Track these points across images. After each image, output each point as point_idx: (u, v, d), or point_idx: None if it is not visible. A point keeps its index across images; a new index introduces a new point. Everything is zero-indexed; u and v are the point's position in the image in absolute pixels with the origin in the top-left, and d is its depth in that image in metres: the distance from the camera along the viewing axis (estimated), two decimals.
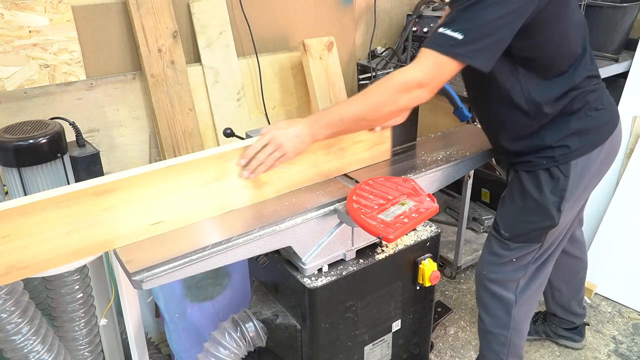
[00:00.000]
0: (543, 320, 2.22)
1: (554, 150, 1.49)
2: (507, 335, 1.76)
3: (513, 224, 1.62)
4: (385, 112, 1.34)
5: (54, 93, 1.93)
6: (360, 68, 2.75)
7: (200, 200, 1.29)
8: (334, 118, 1.35)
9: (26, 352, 1.43)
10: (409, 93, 1.29)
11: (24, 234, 1.08)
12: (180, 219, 1.28)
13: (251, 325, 1.53)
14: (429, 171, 1.57)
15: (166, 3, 2.05)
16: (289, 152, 1.33)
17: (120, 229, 1.20)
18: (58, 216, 1.11)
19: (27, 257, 1.11)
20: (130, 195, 1.19)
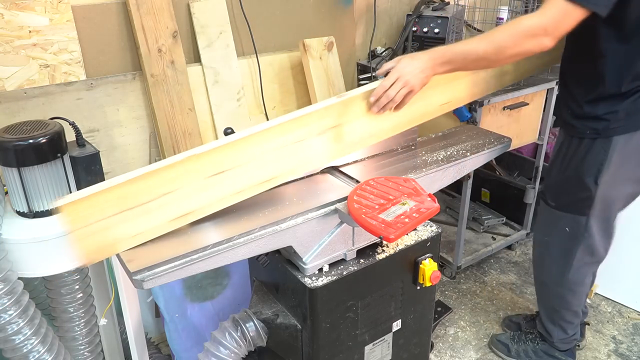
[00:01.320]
0: None
1: (599, 122, 1.57)
2: (561, 292, 1.88)
3: (557, 194, 1.75)
4: (507, 54, 1.40)
5: (54, 93, 1.93)
6: (360, 68, 2.75)
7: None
8: (456, 56, 1.43)
9: (26, 352, 1.43)
10: (534, 39, 1.35)
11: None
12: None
13: (252, 324, 1.53)
14: (429, 171, 1.57)
15: (166, 3, 2.05)
16: (416, 87, 1.43)
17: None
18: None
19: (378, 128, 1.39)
20: None
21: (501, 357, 2.17)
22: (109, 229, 1.13)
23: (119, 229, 1.15)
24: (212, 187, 1.24)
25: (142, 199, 1.15)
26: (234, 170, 1.26)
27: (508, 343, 2.16)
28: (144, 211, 1.16)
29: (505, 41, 1.38)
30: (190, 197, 1.22)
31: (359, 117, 1.45)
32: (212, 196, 1.25)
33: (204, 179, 1.22)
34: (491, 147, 1.76)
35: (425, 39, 2.57)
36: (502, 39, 1.38)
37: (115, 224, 1.14)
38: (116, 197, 1.12)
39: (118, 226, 1.14)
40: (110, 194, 1.11)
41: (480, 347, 2.25)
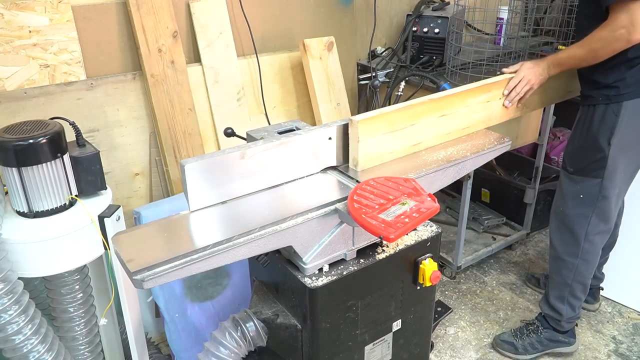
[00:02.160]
0: None
1: (610, 89, 1.82)
2: (575, 263, 2.05)
3: (575, 159, 1.97)
4: (600, 55, 1.74)
5: (54, 93, 1.93)
6: (360, 68, 2.75)
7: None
8: (563, 61, 1.86)
9: (26, 352, 1.43)
10: (621, 39, 1.64)
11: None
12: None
13: (252, 324, 1.53)
14: (429, 171, 1.57)
15: (166, 3, 2.05)
16: (535, 85, 1.88)
17: None
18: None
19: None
20: None
21: (510, 357, 2.18)
22: (378, 144, 1.51)
23: (383, 145, 1.53)
24: (437, 126, 1.65)
25: (401, 125, 1.55)
26: (450, 115, 1.67)
27: (513, 341, 2.17)
28: (398, 135, 1.55)
29: (596, 44, 1.72)
30: (424, 130, 1.62)
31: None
32: (435, 132, 1.66)
33: (435, 118, 1.63)
34: (491, 147, 1.75)
35: (425, 39, 2.57)
36: (593, 43, 1.72)
37: (382, 141, 1.52)
38: (386, 120, 1.50)
39: (383, 143, 1.53)
40: (385, 117, 1.50)
41: (480, 347, 2.25)
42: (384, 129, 1.51)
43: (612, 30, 1.65)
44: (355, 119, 1.44)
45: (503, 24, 2.77)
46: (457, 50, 2.52)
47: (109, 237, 1.49)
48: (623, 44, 1.66)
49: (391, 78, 2.59)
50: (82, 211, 1.53)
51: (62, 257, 1.49)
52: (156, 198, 2.21)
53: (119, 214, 1.52)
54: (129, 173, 2.16)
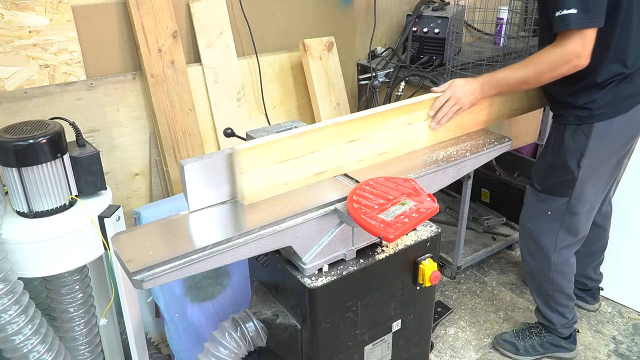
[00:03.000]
0: None
1: (581, 110, 1.74)
2: (550, 275, 2.01)
3: (544, 178, 1.90)
4: (545, 79, 1.64)
5: (54, 93, 1.93)
6: (360, 68, 2.75)
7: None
8: (501, 81, 1.69)
9: (26, 352, 1.43)
10: (569, 63, 1.57)
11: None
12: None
13: (251, 325, 1.53)
14: (429, 171, 1.57)
15: (166, 3, 2.05)
16: (465, 106, 1.68)
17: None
18: None
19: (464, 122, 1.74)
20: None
21: (510, 357, 2.18)
22: (268, 175, 1.35)
23: (276, 176, 1.37)
24: (345, 152, 1.49)
25: (297, 153, 1.38)
26: (362, 140, 1.51)
27: (514, 341, 2.17)
28: (295, 164, 1.39)
29: (542, 67, 1.61)
30: (330, 157, 1.46)
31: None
32: (343, 160, 1.50)
33: (342, 144, 1.47)
34: (491, 147, 1.76)
35: (425, 39, 2.57)
36: (540, 66, 1.61)
37: (274, 171, 1.36)
38: (279, 148, 1.34)
39: (276, 174, 1.37)
40: (275, 146, 1.33)
41: (481, 347, 2.25)
42: (275, 158, 1.35)
43: (562, 55, 1.57)
44: (238, 148, 1.28)
45: (503, 24, 2.77)
46: (457, 51, 2.52)
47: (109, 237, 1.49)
48: (571, 69, 1.59)
49: (391, 78, 2.58)
50: (82, 211, 1.53)
51: (62, 257, 1.49)
52: (156, 198, 2.21)
53: (119, 214, 1.52)
54: (129, 173, 2.16)
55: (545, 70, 1.61)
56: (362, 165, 1.55)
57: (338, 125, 1.44)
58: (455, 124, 1.75)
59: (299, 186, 1.43)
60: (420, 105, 1.64)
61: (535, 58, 1.63)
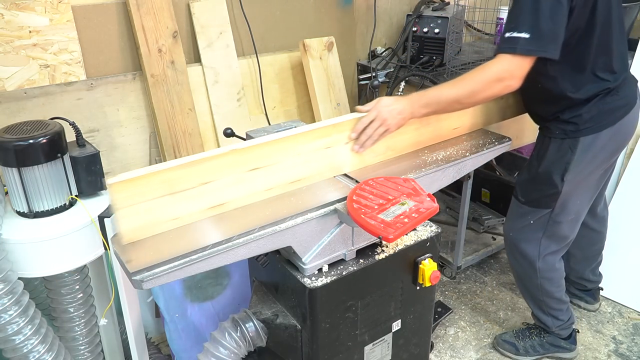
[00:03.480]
0: None
1: (567, 124, 1.70)
2: (537, 282, 1.99)
3: (527, 191, 1.88)
4: (478, 98, 1.55)
5: (54, 93, 1.93)
6: (360, 68, 2.75)
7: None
8: (432, 100, 1.54)
9: (26, 352, 1.43)
10: (502, 83, 1.50)
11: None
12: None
13: (251, 325, 1.53)
14: (429, 171, 1.57)
15: (166, 3, 2.05)
16: (392, 127, 1.52)
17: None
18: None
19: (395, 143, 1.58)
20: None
21: (510, 357, 2.17)
22: (151, 210, 1.20)
23: (161, 211, 1.22)
24: (248, 182, 1.33)
25: (185, 185, 1.23)
26: (269, 167, 1.36)
27: (514, 341, 2.17)
28: (185, 197, 1.24)
29: (475, 87, 1.51)
30: (228, 189, 1.31)
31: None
32: (246, 190, 1.34)
33: (243, 173, 1.32)
34: (491, 147, 1.76)
35: (425, 39, 2.57)
36: (473, 84, 1.51)
37: (158, 206, 1.21)
38: (161, 180, 1.19)
39: (160, 208, 1.21)
40: (157, 177, 1.18)
41: (481, 347, 2.25)
42: (158, 191, 1.19)
43: (496, 74, 1.48)
44: (109, 182, 1.14)
45: (503, 24, 2.77)
46: (457, 50, 2.52)
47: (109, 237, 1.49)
48: (503, 89, 1.51)
49: (391, 78, 2.58)
50: (82, 211, 1.53)
51: (62, 257, 1.49)
52: None
53: None
54: None
55: (478, 89, 1.51)
56: (270, 194, 1.38)
57: (236, 152, 1.28)
58: (385, 146, 1.58)
59: (192, 220, 1.27)
60: (339, 127, 1.47)
61: (468, 76, 1.54)
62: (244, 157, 1.30)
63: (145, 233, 1.21)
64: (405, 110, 1.52)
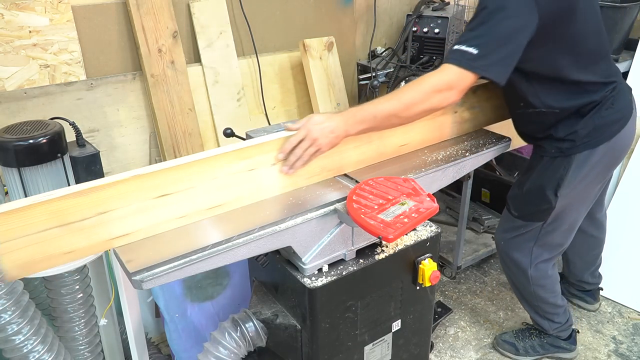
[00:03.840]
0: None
1: (563, 142, 1.67)
2: (530, 289, 1.99)
3: (520, 205, 1.86)
4: (417, 110, 1.44)
5: (54, 93, 1.93)
6: (360, 68, 2.75)
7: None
8: (367, 115, 1.42)
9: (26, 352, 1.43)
10: (440, 94, 1.42)
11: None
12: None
13: (251, 325, 1.53)
14: (429, 171, 1.57)
15: (166, 3, 2.05)
16: (323, 147, 1.40)
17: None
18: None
19: (332, 162, 1.47)
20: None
21: (510, 358, 2.17)
22: (39, 244, 1.09)
23: (51, 245, 1.10)
24: (156, 209, 1.21)
25: (79, 215, 1.12)
26: (181, 194, 1.23)
27: (514, 342, 2.17)
28: (79, 228, 1.13)
29: (413, 98, 1.42)
30: (132, 218, 1.18)
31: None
32: (155, 218, 1.21)
33: (151, 200, 1.19)
34: (491, 147, 1.76)
35: (425, 39, 2.57)
36: (410, 96, 1.42)
37: (47, 239, 1.09)
38: (49, 211, 1.08)
39: (50, 242, 1.10)
40: (43, 208, 1.07)
41: (481, 347, 2.25)
42: (46, 223, 1.08)
43: (436, 87, 1.41)
44: None
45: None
46: None
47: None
48: (442, 101, 1.43)
49: (391, 78, 2.58)
50: None
51: None
52: None
53: None
54: None
55: (415, 101, 1.41)
56: (184, 222, 1.27)
57: (139, 178, 1.16)
58: (320, 167, 1.46)
59: (89, 254, 1.18)
60: (263, 148, 1.35)
61: (405, 88, 1.45)
62: (149, 183, 1.18)
63: (38, 268, 1.11)
64: (338, 128, 1.39)
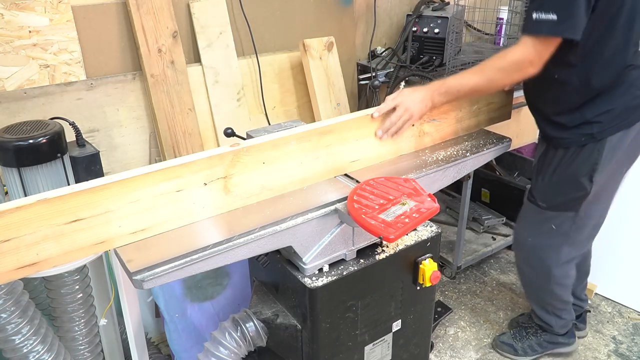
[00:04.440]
0: None
1: (592, 126, 1.60)
2: (549, 287, 1.95)
3: (549, 196, 1.77)
4: (498, 85, 1.57)
5: (54, 93, 1.93)
6: (360, 68, 2.75)
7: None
8: (452, 88, 1.55)
9: (26, 352, 1.43)
10: (521, 71, 1.49)
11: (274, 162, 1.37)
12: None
13: (251, 325, 1.53)
14: (429, 171, 1.57)
15: (166, 3, 2.05)
16: (415, 116, 1.53)
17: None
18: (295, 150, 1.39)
19: (273, 181, 1.39)
20: None
21: (509, 358, 2.17)
22: None
23: None
24: (67, 236, 1.11)
25: None
26: (96, 218, 1.13)
27: (512, 343, 2.17)
28: None
29: (495, 75, 1.52)
30: (38, 246, 1.08)
31: (256, 169, 1.34)
32: (67, 245, 1.12)
33: (60, 226, 1.10)
34: (491, 147, 1.76)
35: (425, 39, 2.57)
36: (493, 73, 1.52)
37: None
38: None
39: None
40: None
41: (481, 347, 2.25)
42: None
43: (517, 63, 1.48)
44: None
45: (503, 24, 2.77)
46: (457, 50, 2.52)
47: None
48: (523, 76, 1.51)
49: (391, 78, 2.58)
50: None
51: None
52: None
53: None
54: None
55: (497, 78, 1.52)
56: (103, 248, 1.17)
57: (44, 202, 1.05)
58: (261, 186, 1.37)
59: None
60: (192, 167, 1.23)
61: (488, 64, 1.54)
62: (58, 208, 1.08)
63: None
64: (426, 98, 1.54)
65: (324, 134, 1.43)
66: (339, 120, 1.48)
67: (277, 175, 1.39)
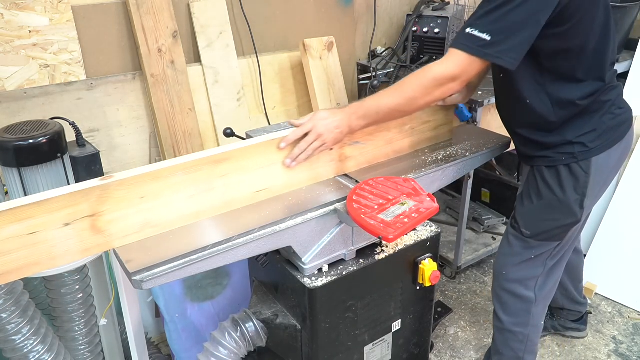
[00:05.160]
0: (551, 316, 2.21)
1: (573, 146, 1.49)
2: (525, 333, 1.78)
3: (535, 222, 1.62)
4: (419, 104, 1.41)
5: (54, 93, 1.93)
6: (360, 68, 2.75)
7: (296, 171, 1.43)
8: (370, 110, 1.42)
9: (26, 352, 1.43)
10: (443, 87, 1.37)
11: (156, 196, 1.22)
12: (281, 186, 1.42)
13: (251, 325, 1.53)
14: (429, 171, 1.57)
15: (166, 3, 2.05)
16: (329, 143, 1.41)
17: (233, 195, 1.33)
18: (183, 181, 1.25)
19: (158, 217, 1.24)
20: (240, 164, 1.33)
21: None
22: None
23: None
24: None
25: None
26: None
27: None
28: None
29: (415, 92, 1.38)
30: None
31: (133, 205, 1.20)
32: None
33: None
34: (491, 147, 1.76)
35: (425, 39, 2.57)
36: (412, 90, 1.38)
37: None
38: None
39: None
40: None
41: (480, 347, 2.25)
42: None
43: (437, 79, 1.35)
44: None
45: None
46: None
47: None
48: (446, 92, 1.37)
49: (391, 78, 2.58)
50: None
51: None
52: None
53: None
54: None
55: (417, 95, 1.38)
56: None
57: None
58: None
59: None
60: (48, 206, 1.09)
61: (407, 81, 1.40)
62: None
63: None
64: (342, 124, 1.40)
65: (218, 163, 1.28)
66: (235, 147, 1.32)
67: (162, 211, 1.24)
